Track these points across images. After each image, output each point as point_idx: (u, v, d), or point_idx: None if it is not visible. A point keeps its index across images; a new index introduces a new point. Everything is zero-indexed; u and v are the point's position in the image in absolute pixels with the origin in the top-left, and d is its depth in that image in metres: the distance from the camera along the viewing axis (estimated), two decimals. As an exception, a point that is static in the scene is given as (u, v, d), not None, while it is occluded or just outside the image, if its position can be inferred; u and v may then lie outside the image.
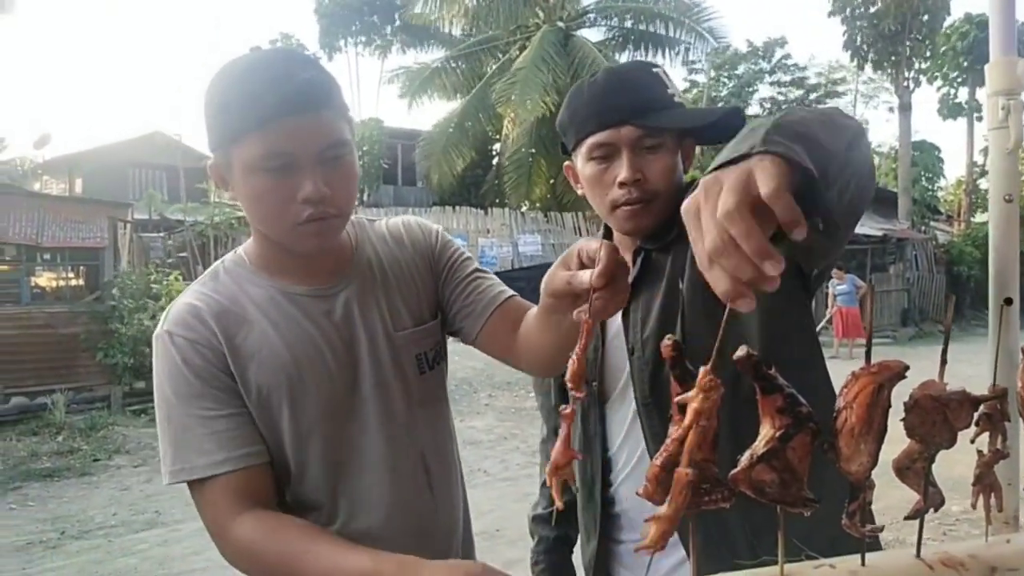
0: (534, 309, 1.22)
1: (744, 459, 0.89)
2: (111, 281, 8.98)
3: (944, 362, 0.96)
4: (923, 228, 20.52)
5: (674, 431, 0.88)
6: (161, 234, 18.41)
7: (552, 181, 21.80)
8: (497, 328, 1.28)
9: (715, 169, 0.68)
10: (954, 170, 26.86)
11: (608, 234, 1.48)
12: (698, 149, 1.45)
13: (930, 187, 25.81)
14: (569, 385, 0.87)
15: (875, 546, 1.03)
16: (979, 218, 23.23)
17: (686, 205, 0.68)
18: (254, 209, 1.10)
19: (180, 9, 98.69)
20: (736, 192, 0.61)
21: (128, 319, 8.68)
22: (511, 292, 1.33)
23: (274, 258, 1.19)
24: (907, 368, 0.92)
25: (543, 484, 1.63)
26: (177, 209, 11.38)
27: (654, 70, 1.31)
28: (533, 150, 20.73)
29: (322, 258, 1.19)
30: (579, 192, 1.41)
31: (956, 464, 0.95)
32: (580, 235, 17.85)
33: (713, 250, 0.63)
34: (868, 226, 18.30)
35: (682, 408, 0.88)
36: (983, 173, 25.12)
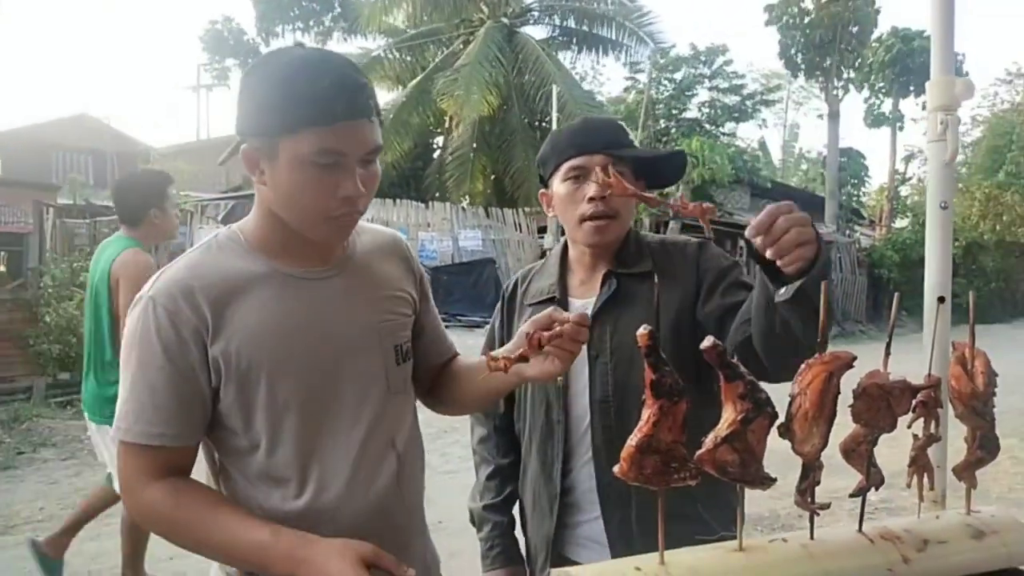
0: (466, 360, 1.46)
1: (708, 441, 0.97)
2: (37, 268, 8.62)
3: (888, 353, 1.05)
4: (848, 232, 21.35)
5: (647, 414, 0.95)
6: (87, 220, 17.73)
7: (494, 177, 21.85)
8: (437, 373, 1.46)
9: None
10: (878, 176, 28.00)
11: (564, 249, 1.69)
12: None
13: (856, 193, 26.86)
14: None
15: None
16: (899, 223, 24.28)
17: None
18: (290, 197, 1.14)
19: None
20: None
21: (55, 307, 8.37)
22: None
23: (276, 240, 1.22)
24: (855, 358, 1.01)
25: (487, 478, 1.74)
26: (109, 196, 10.95)
27: (620, 122, 1.69)
28: (475, 146, 20.73)
29: (322, 245, 1.25)
30: (550, 215, 1.66)
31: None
32: (520, 231, 17.91)
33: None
34: (797, 229, 18.85)
35: (655, 391, 0.95)
36: (904, 180, 26.28)
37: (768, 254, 1.09)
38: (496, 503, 1.71)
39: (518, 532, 1.72)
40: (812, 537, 1.01)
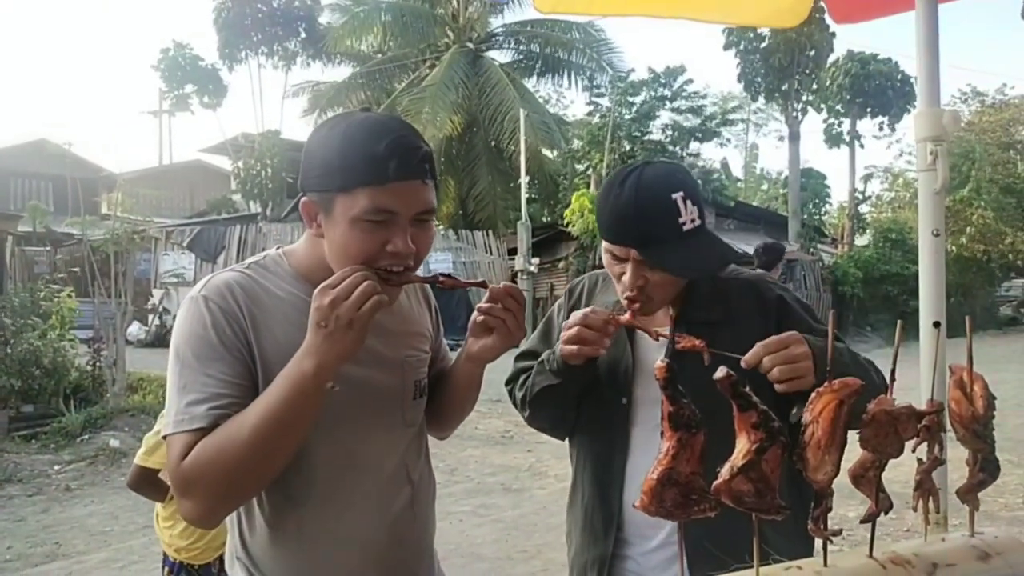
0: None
1: (724, 471, 0.98)
2: (-1, 298, 8.40)
3: (893, 379, 1.07)
4: (811, 250, 21.71)
5: (666, 446, 0.96)
6: (47, 248, 17.35)
7: (462, 200, 21.91)
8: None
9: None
10: (839, 195, 28.65)
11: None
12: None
13: (817, 212, 27.39)
14: None
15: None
16: (860, 241, 24.79)
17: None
18: (341, 249, 1.18)
19: (67, 11, 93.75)
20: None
21: (15, 339, 8.14)
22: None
23: (320, 268, 1.23)
24: (864, 385, 1.03)
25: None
26: (74, 222, 10.74)
27: (674, 196, 1.40)
28: (441, 168, 20.78)
29: None
30: None
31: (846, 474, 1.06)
32: (490, 253, 17.96)
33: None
34: (762, 248, 19.21)
35: (673, 423, 0.96)
36: (864, 199, 26.88)
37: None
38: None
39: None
40: (826, 564, 1.03)
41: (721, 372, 0.96)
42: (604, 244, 1.49)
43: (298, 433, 1.14)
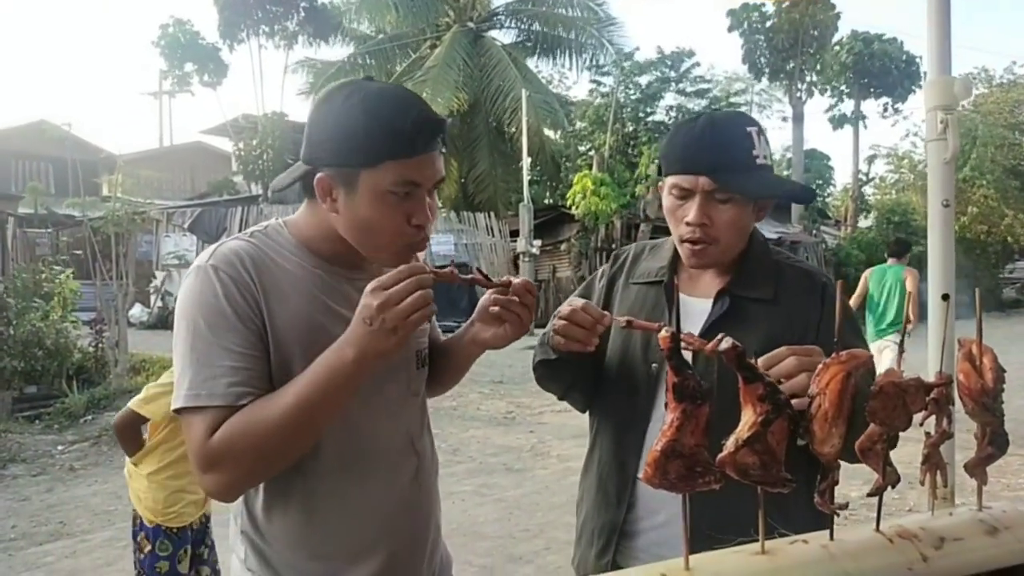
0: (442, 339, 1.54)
1: (729, 444, 0.96)
2: (1, 280, 8.40)
3: (901, 351, 1.05)
4: (814, 232, 21.66)
5: (671, 418, 0.94)
6: (48, 230, 17.35)
7: (463, 181, 21.83)
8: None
9: None
10: (843, 176, 28.54)
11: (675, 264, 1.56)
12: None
13: (821, 193, 27.30)
14: None
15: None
16: (863, 223, 24.72)
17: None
18: (366, 224, 1.19)
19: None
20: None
21: (17, 320, 8.16)
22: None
23: (322, 239, 1.26)
24: (871, 357, 1.02)
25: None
26: (74, 204, 10.71)
27: (748, 128, 1.41)
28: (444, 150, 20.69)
29: (362, 255, 1.28)
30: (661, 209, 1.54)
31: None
32: (492, 235, 17.92)
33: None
34: (765, 230, 19.17)
35: (677, 394, 0.94)
36: (867, 180, 26.77)
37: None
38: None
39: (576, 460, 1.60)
40: (832, 538, 1.01)
41: (727, 343, 0.94)
42: (669, 182, 1.46)
43: (331, 416, 1.15)
